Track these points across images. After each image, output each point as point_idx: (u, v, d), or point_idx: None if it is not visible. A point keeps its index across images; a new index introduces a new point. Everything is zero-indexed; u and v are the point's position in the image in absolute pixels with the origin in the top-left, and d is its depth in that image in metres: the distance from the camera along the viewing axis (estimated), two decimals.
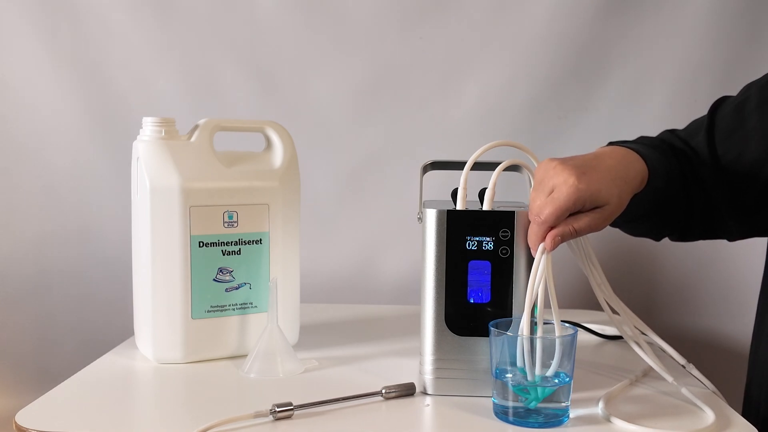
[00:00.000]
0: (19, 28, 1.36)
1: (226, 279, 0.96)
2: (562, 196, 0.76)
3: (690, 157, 0.95)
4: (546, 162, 0.80)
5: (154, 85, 1.38)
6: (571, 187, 0.76)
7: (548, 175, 0.78)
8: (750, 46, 1.36)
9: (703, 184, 0.93)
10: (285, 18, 1.38)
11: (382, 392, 0.82)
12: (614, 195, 0.79)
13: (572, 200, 0.76)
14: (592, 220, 0.78)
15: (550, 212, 0.76)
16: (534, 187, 0.80)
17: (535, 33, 1.38)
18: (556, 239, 0.77)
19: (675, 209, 0.95)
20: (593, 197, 0.77)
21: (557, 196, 0.76)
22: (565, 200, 0.76)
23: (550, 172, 0.78)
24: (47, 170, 1.39)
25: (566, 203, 0.76)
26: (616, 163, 0.83)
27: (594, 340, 1.10)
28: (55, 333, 1.41)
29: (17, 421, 0.74)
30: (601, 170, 0.80)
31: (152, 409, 0.84)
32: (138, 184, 0.94)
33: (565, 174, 0.77)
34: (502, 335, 0.77)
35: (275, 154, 1.00)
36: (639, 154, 0.86)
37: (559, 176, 0.77)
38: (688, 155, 0.95)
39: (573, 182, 0.76)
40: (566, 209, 0.76)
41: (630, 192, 0.82)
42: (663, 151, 0.93)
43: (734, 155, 0.92)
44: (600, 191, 0.77)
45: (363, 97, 1.41)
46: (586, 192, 0.76)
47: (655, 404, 0.83)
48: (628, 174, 0.83)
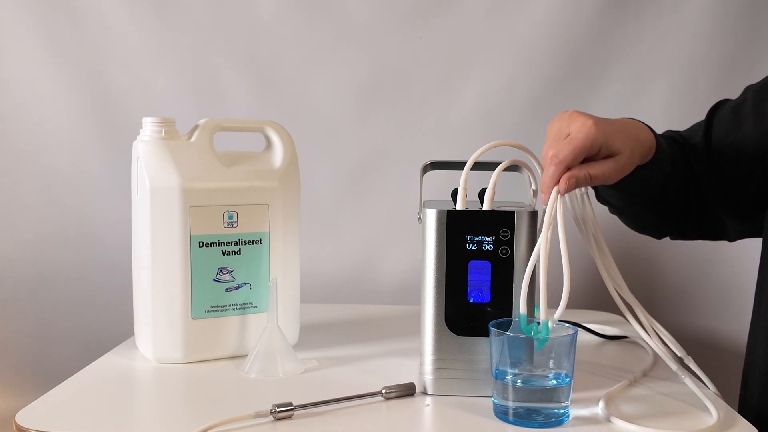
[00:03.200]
0: (19, 28, 1.36)
1: (226, 279, 0.96)
2: (580, 136, 0.78)
3: (689, 155, 0.95)
4: (561, 114, 0.83)
5: (154, 85, 1.38)
6: (590, 128, 0.78)
7: (564, 123, 0.81)
8: (750, 46, 1.36)
9: (700, 183, 0.94)
10: (285, 18, 1.38)
11: (382, 392, 0.82)
12: (627, 148, 0.81)
13: (590, 140, 0.78)
14: (606, 167, 0.80)
15: (568, 152, 0.77)
16: (548, 137, 0.82)
17: (535, 33, 1.38)
18: (570, 181, 0.78)
19: (676, 201, 0.95)
20: (608, 143, 0.80)
21: (575, 137, 0.78)
22: (583, 140, 0.78)
23: (566, 119, 0.81)
24: (47, 170, 1.39)
25: (584, 143, 0.78)
26: (629, 125, 0.86)
27: (594, 340, 1.10)
28: (55, 333, 1.41)
29: (17, 421, 0.74)
30: (615, 124, 0.82)
31: (152, 409, 0.84)
32: (138, 184, 0.94)
33: (582, 118, 0.80)
34: (502, 335, 0.77)
35: (275, 154, 1.00)
36: (649, 128, 0.88)
37: (577, 121, 0.80)
38: (687, 154, 0.95)
39: (591, 124, 0.78)
40: (584, 149, 0.78)
41: (640, 153, 0.84)
42: (668, 140, 0.94)
43: (730, 157, 0.93)
44: (614, 139, 0.80)
45: (363, 97, 1.41)
46: (602, 136, 0.79)
47: (655, 404, 0.83)
48: (639, 136, 0.85)
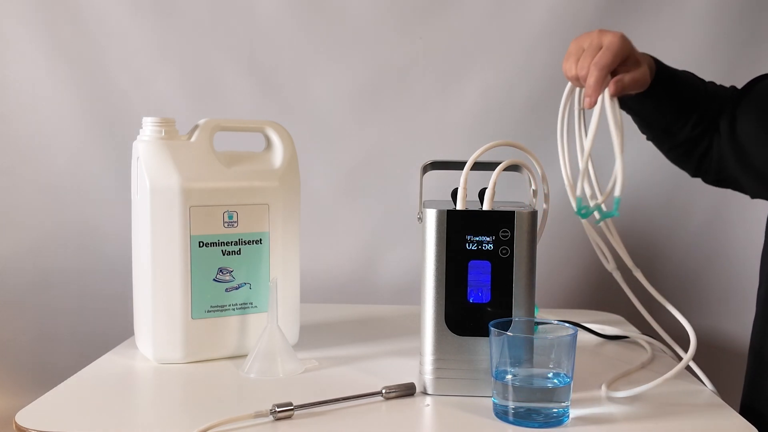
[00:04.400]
0: (19, 29, 1.36)
1: (226, 279, 0.96)
2: (618, 42, 0.87)
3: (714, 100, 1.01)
4: (586, 33, 0.89)
5: (154, 85, 1.39)
6: (623, 38, 0.87)
7: (594, 37, 0.88)
8: (750, 46, 1.36)
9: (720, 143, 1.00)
10: (285, 18, 1.38)
11: (382, 392, 0.82)
12: (644, 60, 0.92)
13: (627, 47, 0.88)
14: (640, 72, 0.90)
15: (609, 57, 0.86)
16: (573, 53, 0.89)
17: (535, 33, 1.38)
18: (618, 84, 0.87)
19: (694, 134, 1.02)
20: (633, 52, 0.90)
21: (612, 46, 0.86)
22: (620, 46, 0.87)
23: (595, 35, 0.88)
24: (47, 170, 1.39)
25: (622, 49, 0.87)
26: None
27: (594, 340, 1.10)
28: (55, 333, 1.41)
29: (17, 421, 0.74)
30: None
31: (152, 409, 0.84)
32: (138, 184, 0.94)
33: (612, 32, 0.88)
34: (502, 335, 0.77)
35: (275, 154, 1.00)
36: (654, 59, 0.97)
37: (608, 34, 0.88)
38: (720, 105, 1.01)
39: (621, 35, 0.88)
40: (621, 55, 0.87)
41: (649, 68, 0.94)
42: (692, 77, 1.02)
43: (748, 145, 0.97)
44: (636, 51, 0.91)
45: (363, 97, 1.41)
46: (630, 46, 0.89)
47: (655, 404, 0.83)
48: (644, 57, 0.94)
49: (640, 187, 1.39)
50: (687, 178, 1.10)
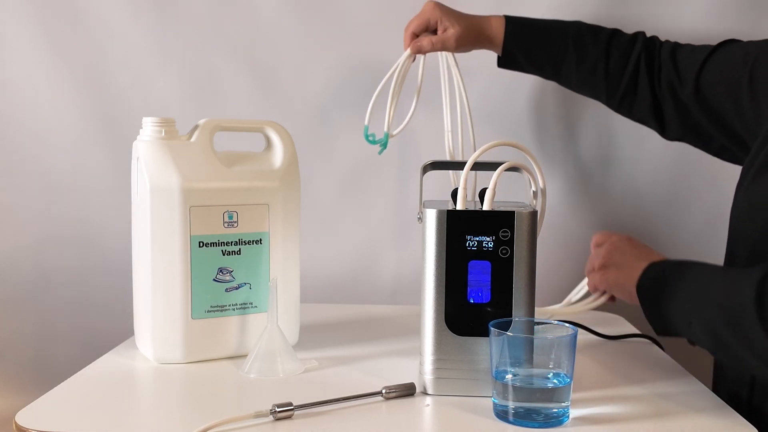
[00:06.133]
0: (19, 29, 1.36)
1: (226, 279, 0.96)
2: (424, 9, 1.14)
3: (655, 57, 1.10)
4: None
5: (154, 85, 1.38)
6: (430, 6, 1.13)
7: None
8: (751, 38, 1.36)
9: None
10: (285, 18, 1.38)
11: (382, 392, 0.82)
12: (461, 25, 1.11)
13: (429, 14, 1.12)
14: (441, 36, 1.12)
15: (413, 21, 1.14)
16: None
17: None
18: (414, 44, 1.13)
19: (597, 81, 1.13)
20: (441, 19, 1.12)
21: (420, 13, 1.14)
22: (423, 13, 1.13)
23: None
24: (47, 170, 1.39)
25: (423, 15, 1.13)
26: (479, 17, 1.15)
27: (594, 340, 1.10)
28: (55, 333, 1.41)
29: (17, 421, 0.74)
30: (457, 12, 1.14)
31: (152, 409, 0.84)
32: (138, 184, 0.94)
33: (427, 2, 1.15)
34: (502, 335, 0.77)
35: (275, 154, 1.00)
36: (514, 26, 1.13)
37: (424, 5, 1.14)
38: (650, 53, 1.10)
39: (430, 3, 1.14)
40: (424, 19, 1.13)
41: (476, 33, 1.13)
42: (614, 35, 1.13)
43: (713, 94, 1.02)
44: (447, 18, 1.11)
45: (363, 97, 1.40)
46: (437, 14, 1.12)
47: (655, 404, 0.83)
48: (482, 23, 1.14)
49: (641, 187, 1.39)
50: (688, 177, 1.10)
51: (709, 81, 1.03)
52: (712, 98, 1.02)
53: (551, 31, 1.14)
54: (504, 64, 1.17)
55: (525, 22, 1.14)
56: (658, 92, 1.09)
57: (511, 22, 1.13)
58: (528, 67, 1.16)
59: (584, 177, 1.40)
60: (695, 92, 1.04)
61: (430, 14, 1.11)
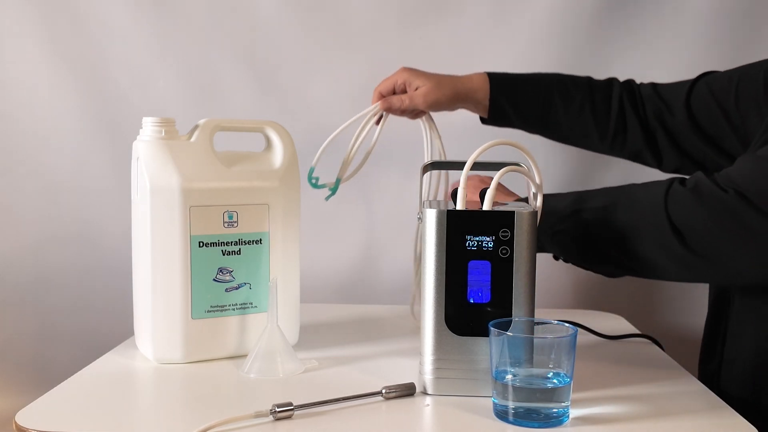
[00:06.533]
0: (19, 29, 1.36)
1: (226, 279, 0.96)
2: (396, 73, 1.12)
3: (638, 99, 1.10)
4: None
5: (154, 85, 1.39)
6: (401, 70, 1.13)
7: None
8: (750, 46, 1.36)
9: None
10: (285, 18, 1.38)
11: (382, 392, 0.82)
12: (431, 84, 1.10)
13: (393, 78, 1.12)
14: (410, 96, 1.11)
15: (382, 83, 1.13)
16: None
17: (535, 33, 1.38)
18: (384, 101, 1.12)
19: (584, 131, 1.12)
20: (409, 80, 1.11)
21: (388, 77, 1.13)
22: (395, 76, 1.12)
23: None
24: (47, 170, 1.39)
25: (393, 77, 1.12)
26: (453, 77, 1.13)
27: (594, 340, 1.10)
28: (56, 333, 1.41)
29: (17, 421, 0.74)
30: (428, 73, 1.13)
31: (152, 409, 0.84)
32: (138, 184, 0.94)
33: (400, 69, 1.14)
34: (502, 335, 0.77)
35: (275, 154, 1.00)
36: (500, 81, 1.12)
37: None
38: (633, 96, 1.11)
39: (401, 69, 1.13)
40: (392, 81, 1.12)
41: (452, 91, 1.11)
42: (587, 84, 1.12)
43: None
44: (416, 79, 1.10)
45: (363, 97, 1.40)
46: (403, 76, 1.11)
47: (655, 404, 0.83)
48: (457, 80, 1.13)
49: None
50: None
51: (698, 105, 1.04)
52: (705, 120, 1.04)
53: (533, 82, 1.13)
54: (492, 119, 1.14)
55: (507, 76, 1.13)
56: (647, 124, 1.10)
57: (494, 76, 1.11)
58: (516, 119, 1.14)
59: (584, 177, 1.40)
60: (688, 117, 1.05)
61: (398, 76, 1.10)
